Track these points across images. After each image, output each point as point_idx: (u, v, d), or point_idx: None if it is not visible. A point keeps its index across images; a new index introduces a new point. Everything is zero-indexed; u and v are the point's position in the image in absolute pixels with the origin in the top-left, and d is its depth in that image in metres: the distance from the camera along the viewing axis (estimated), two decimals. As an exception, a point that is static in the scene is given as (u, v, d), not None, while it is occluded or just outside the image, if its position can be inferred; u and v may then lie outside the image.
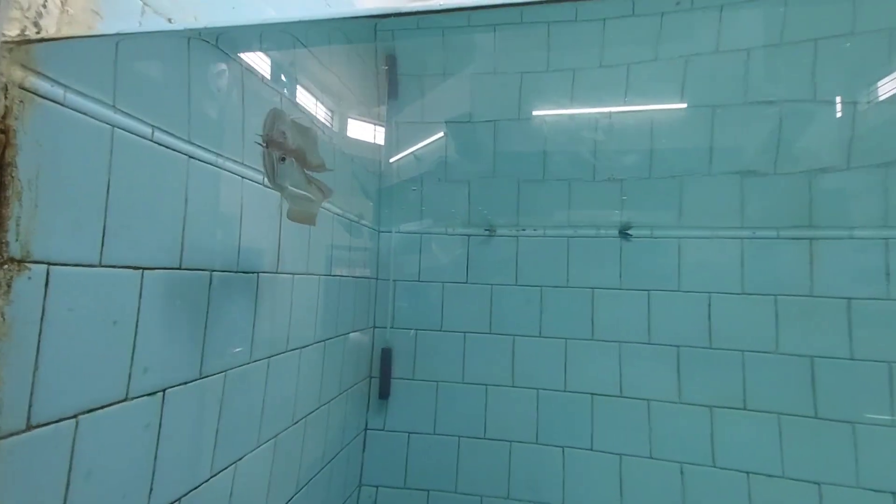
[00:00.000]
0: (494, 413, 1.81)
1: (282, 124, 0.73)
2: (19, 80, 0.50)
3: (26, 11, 0.52)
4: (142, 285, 0.69)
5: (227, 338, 0.91)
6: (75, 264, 0.58)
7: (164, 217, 0.73)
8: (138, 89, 0.67)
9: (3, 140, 0.48)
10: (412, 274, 1.93)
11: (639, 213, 1.76)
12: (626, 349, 1.72)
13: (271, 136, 0.71)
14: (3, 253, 0.49)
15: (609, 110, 1.80)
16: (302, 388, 1.26)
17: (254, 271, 1.00)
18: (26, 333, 0.52)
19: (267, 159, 0.72)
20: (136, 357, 0.68)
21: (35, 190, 0.53)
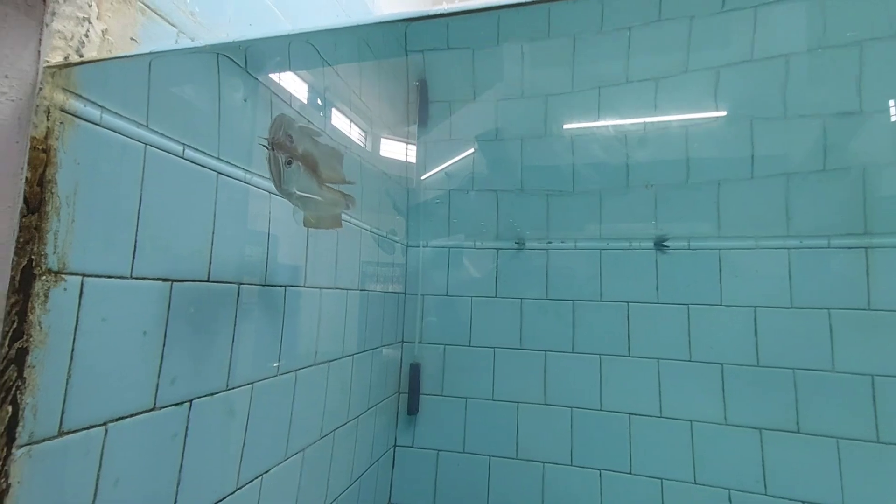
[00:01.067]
0: (526, 432, 1.76)
1: (288, 128, 0.71)
2: (60, 103, 0.53)
3: (70, 41, 0.56)
4: (171, 297, 0.71)
5: (255, 350, 0.93)
6: (108, 276, 0.61)
7: (194, 231, 0.76)
8: (170, 110, 0.70)
9: (45, 159, 0.51)
10: (441, 288, 1.92)
11: (675, 224, 1.70)
12: (666, 367, 1.64)
13: (276, 139, 0.69)
14: (42, 265, 0.52)
15: (641, 121, 1.75)
16: (330, 402, 1.27)
17: (281, 285, 1.02)
18: (61, 342, 0.55)
19: (272, 163, 0.69)
20: (165, 367, 0.70)
21: (72, 205, 0.56)
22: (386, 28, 0.68)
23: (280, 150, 0.69)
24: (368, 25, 0.76)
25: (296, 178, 0.73)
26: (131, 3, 0.67)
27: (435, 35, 1.99)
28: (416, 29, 0.71)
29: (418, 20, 0.54)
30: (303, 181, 0.75)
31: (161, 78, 0.68)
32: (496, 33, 1.91)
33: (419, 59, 2.00)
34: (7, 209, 0.46)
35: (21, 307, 0.50)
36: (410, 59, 1.98)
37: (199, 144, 0.74)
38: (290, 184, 0.72)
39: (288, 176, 0.70)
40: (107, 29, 0.63)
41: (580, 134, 1.86)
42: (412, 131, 1.98)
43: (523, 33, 1.84)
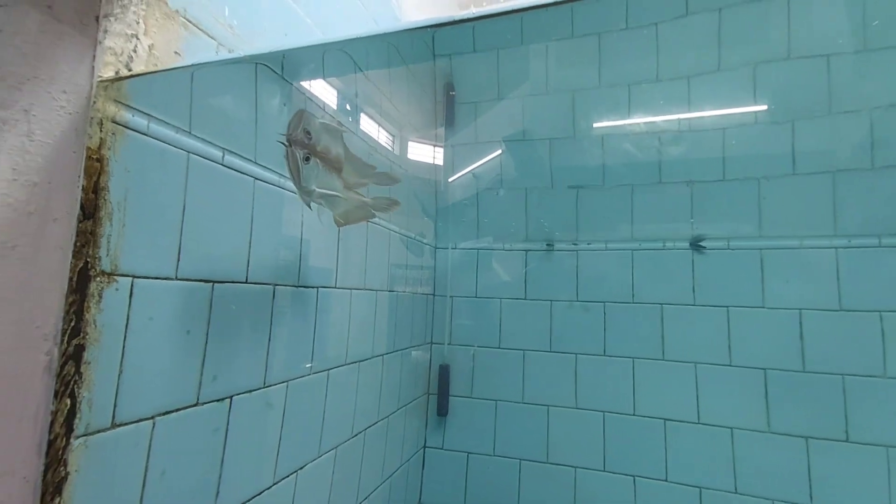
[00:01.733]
0: (557, 436, 1.73)
1: (307, 125, 0.68)
2: (112, 114, 0.57)
3: (120, 56, 0.59)
4: (212, 297, 0.74)
5: (289, 349, 0.96)
6: (155, 277, 0.64)
7: (233, 234, 0.79)
8: (211, 116, 0.73)
9: (99, 167, 0.55)
10: (470, 290, 1.93)
11: (712, 223, 1.64)
12: (704, 371, 1.58)
13: (294, 136, 0.67)
14: (96, 267, 0.56)
15: (674, 117, 1.71)
16: (361, 402, 1.29)
17: (313, 286, 1.04)
18: (113, 340, 0.58)
19: (290, 159, 0.67)
20: (207, 365, 0.74)
21: (123, 211, 0.59)
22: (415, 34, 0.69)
23: (298, 147, 0.67)
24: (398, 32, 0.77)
25: (315, 175, 0.71)
26: (175, 18, 0.71)
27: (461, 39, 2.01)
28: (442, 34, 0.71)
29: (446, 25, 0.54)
30: (324, 178, 0.73)
31: (203, 87, 0.71)
32: (520, 35, 1.91)
33: (446, 62, 2.02)
34: (66, 215, 0.50)
35: (78, 306, 0.53)
36: (438, 62, 2.00)
37: (237, 149, 0.78)
38: (310, 181, 0.70)
39: (307, 173, 0.69)
40: (153, 44, 0.66)
41: (610, 132, 1.83)
42: (440, 133, 1.99)
43: (548, 34, 1.83)
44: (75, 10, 0.51)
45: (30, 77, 0.48)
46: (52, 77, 0.49)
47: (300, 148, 0.67)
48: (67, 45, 0.51)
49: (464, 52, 2.02)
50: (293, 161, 0.67)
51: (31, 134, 0.47)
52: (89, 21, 0.52)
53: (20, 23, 0.47)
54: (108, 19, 0.55)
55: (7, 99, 0.46)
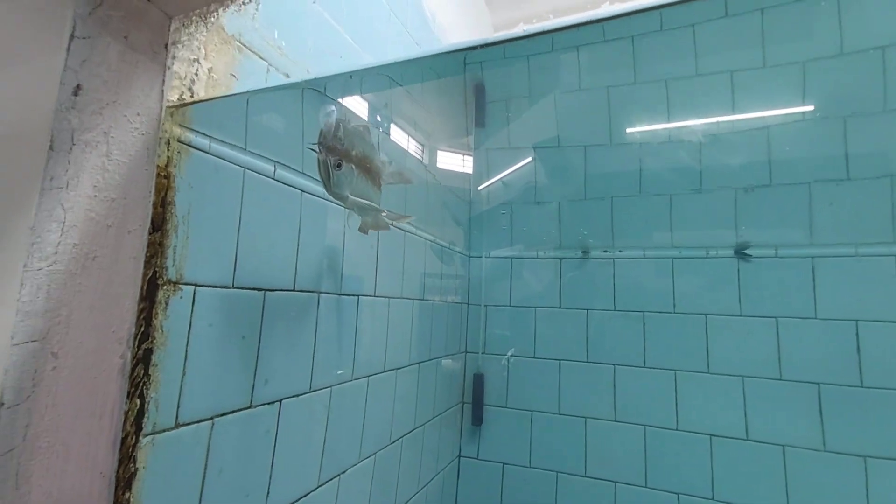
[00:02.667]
0: (596, 449, 1.69)
1: (338, 130, 0.69)
2: (178, 134, 0.61)
3: (184, 80, 0.64)
4: (264, 305, 0.78)
5: (333, 355, 0.98)
6: (214, 286, 0.68)
7: (282, 244, 0.83)
8: (263, 132, 0.78)
9: (166, 184, 0.59)
10: (503, 299, 1.92)
11: (758, 230, 1.58)
12: (752, 385, 1.52)
13: (326, 142, 0.67)
14: (164, 276, 0.60)
15: (715, 120, 1.66)
16: (398, 409, 1.31)
17: (354, 294, 1.07)
18: (177, 344, 0.62)
19: (321, 166, 0.67)
20: (259, 369, 0.77)
21: (187, 224, 0.64)
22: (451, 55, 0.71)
23: (329, 153, 0.68)
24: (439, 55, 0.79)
25: (348, 182, 0.71)
26: (231, 43, 0.75)
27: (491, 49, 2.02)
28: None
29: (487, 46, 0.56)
30: (358, 185, 0.73)
31: (256, 105, 0.75)
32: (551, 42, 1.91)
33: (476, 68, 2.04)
34: (139, 228, 0.54)
35: (147, 313, 0.57)
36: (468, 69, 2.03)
37: (287, 161, 0.82)
38: (342, 187, 0.70)
39: (338, 179, 0.69)
40: (212, 67, 0.71)
41: (647, 136, 1.80)
42: (469, 141, 2.01)
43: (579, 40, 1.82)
44: (148, 40, 0.56)
45: (109, 102, 0.52)
46: (128, 101, 0.54)
47: (331, 154, 0.68)
48: (141, 71, 0.55)
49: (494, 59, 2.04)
50: (324, 167, 0.68)
51: (109, 154, 0.51)
52: (160, 49, 0.57)
53: (103, 53, 0.52)
54: (176, 46, 0.59)
55: (90, 123, 0.51)
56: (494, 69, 2.01)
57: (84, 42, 0.50)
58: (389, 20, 1.28)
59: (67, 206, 0.48)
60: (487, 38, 0.60)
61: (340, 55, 1.03)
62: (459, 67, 1.99)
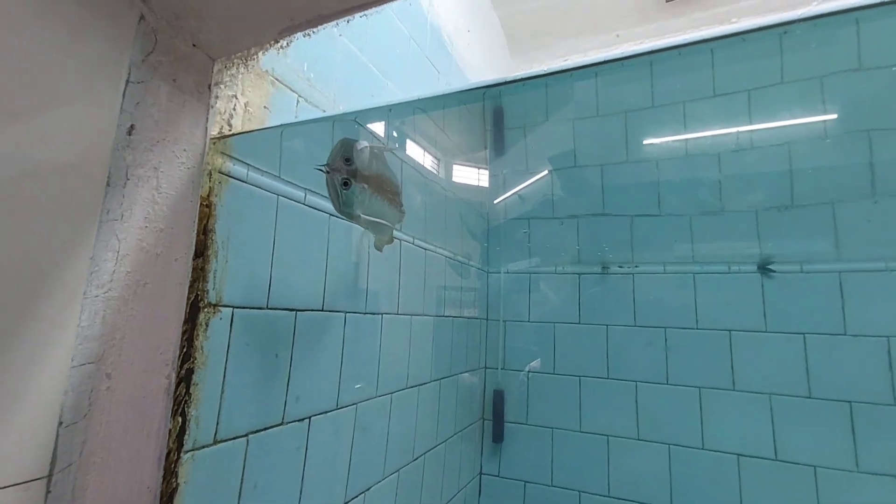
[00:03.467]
0: (619, 468, 1.67)
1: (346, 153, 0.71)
2: (219, 166, 0.65)
3: (223, 115, 0.69)
4: (295, 325, 0.81)
5: (358, 372, 1.01)
6: (250, 307, 0.72)
7: (312, 266, 0.86)
8: (295, 161, 0.82)
9: (208, 212, 0.63)
10: (522, 314, 1.93)
11: (782, 244, 1.56)
12: (780, 403, 1.49)
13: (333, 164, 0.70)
14: (205, 299, 0.63)
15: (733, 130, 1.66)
16: (421, 425, 1.32)
17: (378, 312, 1.10)
18: (217, 363, 0.65)
19: (329, 185, 0.70)
20: (291, 387, 0.80)
21: (226, 249, 0.67)
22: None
23: (336, 173, 0.70)
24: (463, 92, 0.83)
25: (359, 200, 0.72)
26: (265, 77, 0.80)
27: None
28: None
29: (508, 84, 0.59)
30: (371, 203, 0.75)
31: (289, 133, 0.80)
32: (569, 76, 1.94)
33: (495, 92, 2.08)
34: (184, 255, 0.58)
35: (189, 334, 0.61)
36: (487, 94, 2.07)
37: (316, 188, 0.85)
38: (351, 205, 0.71)
39: (347, 198, 0.71)
40: (248, 101, 0.76)
41: (666, 151, 1.80)
42: (485, 155, 2.04)
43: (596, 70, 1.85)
44: (194, 81, 0.60)
45: (159, 139, 0.57)
46: (176, 138, 0.58)
47: (338, 174, 0.70)
48: (188, 110, 0.60)
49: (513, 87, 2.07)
50: (331, 187, 0.71)
51: (158, 188, 0.55)
52: (204, 89, 0.61)
53: (155, 95, 0.56)
54: (219, 87, 0.64)
55: (143, 159, 0.55)
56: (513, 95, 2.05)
57: (138, 86, 0.55)
58: (409, 47, 1.33)
59: (122, 236, 0.52)
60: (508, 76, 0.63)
61: (365, 83, 1.08)
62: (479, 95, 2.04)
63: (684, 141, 1.75)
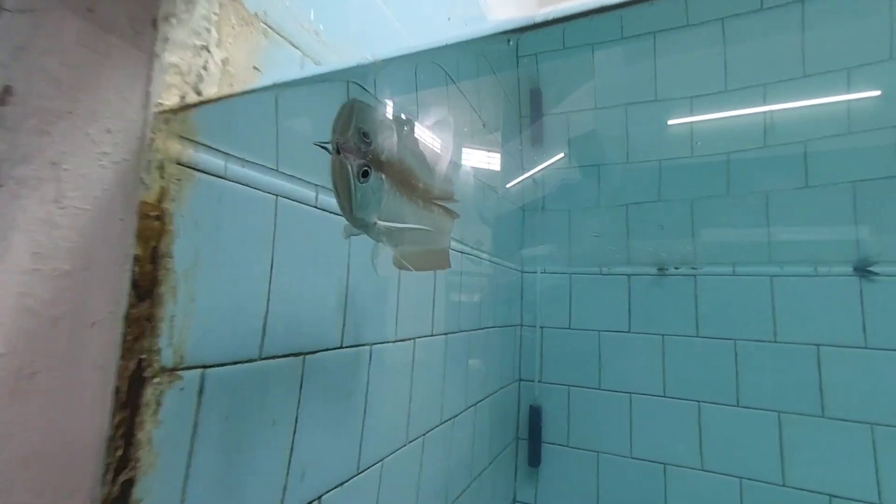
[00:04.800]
0: (679, 503, 1.44)
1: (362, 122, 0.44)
2: (176, 155, 0.41)
3: (186, 76, 0.44)
4: (303, 374, 0.58)
5: (385, 420, 0.78)
6: (233, 362, 0.49)
7: (327, 290, 0.63)
8: (300, 148, 0.57)
9: (159, 228, 0.40)
10: (562, 321, 1.68)
11: (886, 239, 1.28)
12: (884, 434, 1.23)
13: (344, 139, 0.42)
14: (154, 363, 0.40)
15: (829, 99, 1.35)
16: (454, 465, 1.10)
17: (410, 338, 0.87)
18: (175, 458, 0.43)
19: (338, 173, 0.43)
20: (294, 461, 0.57)
21: (191, 281, 0.44)
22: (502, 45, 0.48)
23: (349, 155, 0.43)
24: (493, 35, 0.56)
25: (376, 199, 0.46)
26: (253, 25, 0.55)
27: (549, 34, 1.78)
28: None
29: (538, 27, 0.34)
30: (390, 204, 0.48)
31: (289, 111, 0.55)
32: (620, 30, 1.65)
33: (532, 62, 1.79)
34: (108, 314, 0.34)
35: (127, 427, 0.38)
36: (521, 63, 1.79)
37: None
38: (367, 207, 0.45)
39: (364, 196, 0.44)
40: (227, 58, 0.51)
41: (735, 125, 1.50)
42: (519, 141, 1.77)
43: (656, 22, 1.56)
44: (126, 14, 0.36)
45: (62, 114, 0.33)
46: (92, 112, 0.34)
47: (353, 157, 0.44)
48: (115, 63, 0.36)
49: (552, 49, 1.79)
50: (342, 177, 0.43)
51: (60, 199, 0.32)
52: (144, 27, 0.37)
53: (54, 36, 0.32)
54: (170, 23, 0.39)
55: (28, 149, 0.31)
56: (552, 62, 1.76)
57: (19, 18, 0.31)
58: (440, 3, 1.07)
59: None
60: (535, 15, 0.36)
61: (387, 42, 0.82)
62: (511, 61, 1.76)
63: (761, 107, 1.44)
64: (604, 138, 1.68)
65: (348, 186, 0.43)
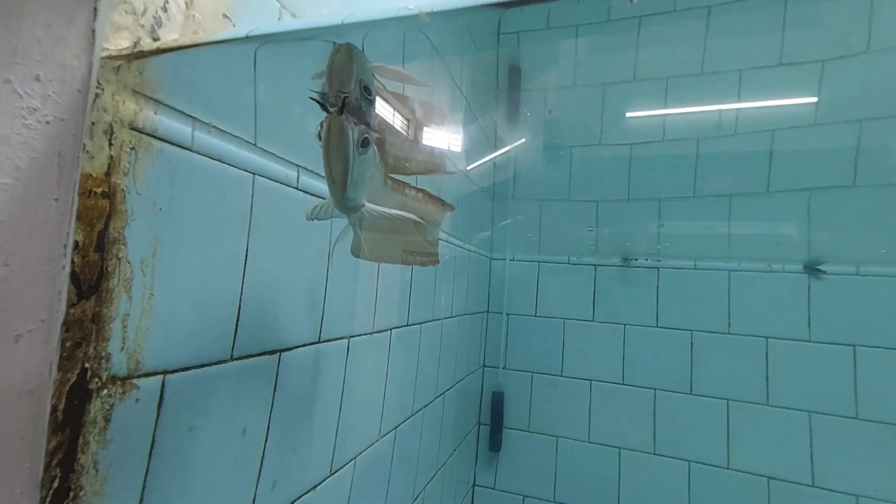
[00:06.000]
0: (631, 485, 1.50)
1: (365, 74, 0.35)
2: (130, 116, 0.33)
3: (140, 18, 0.36)
4: (277, 374, 0.51)
5: (360, 416, 0.73)
6: (199, 366, 0.42)
7: (306, 280, 0.56)
8: (282, 120, 0.49)
9: (106, 208, 0.31)
10: (528, 308, 1.68)
11: (835, 241, 1.36)
12: (822, 423, 1.32)
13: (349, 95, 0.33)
14: (102, 373, 0.33)
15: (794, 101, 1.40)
16: (423, 455, 1.07)
17: (387, 329, 0.81)
18: (127, 482, 0.36)
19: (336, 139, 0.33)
20: (264, 470, 0.51)
21: (150, 272, 0.36)
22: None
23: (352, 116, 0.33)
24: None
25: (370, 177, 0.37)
26: (225, -35, 0.46)
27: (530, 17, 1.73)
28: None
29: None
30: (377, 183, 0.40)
31: (268, 75, 0.47)
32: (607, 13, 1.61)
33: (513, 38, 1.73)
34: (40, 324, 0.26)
35: (67, 451, 0.31)
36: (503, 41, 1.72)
37: (314, 165, 0.54)
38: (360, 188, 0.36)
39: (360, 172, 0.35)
40: (192, 2, 0.42)
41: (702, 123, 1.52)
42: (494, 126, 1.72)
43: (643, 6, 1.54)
44: (65, -76, 0.27)
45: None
46: (12, 51, 0.25)
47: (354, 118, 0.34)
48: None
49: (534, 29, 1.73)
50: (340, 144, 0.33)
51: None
52: (90, -54, 0.28)
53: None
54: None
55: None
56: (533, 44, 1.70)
57: None
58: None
59: None
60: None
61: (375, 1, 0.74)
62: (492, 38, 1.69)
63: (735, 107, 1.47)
64: (579, 121, 1.66)
65: (346, 157, 0.33)
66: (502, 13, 0.31)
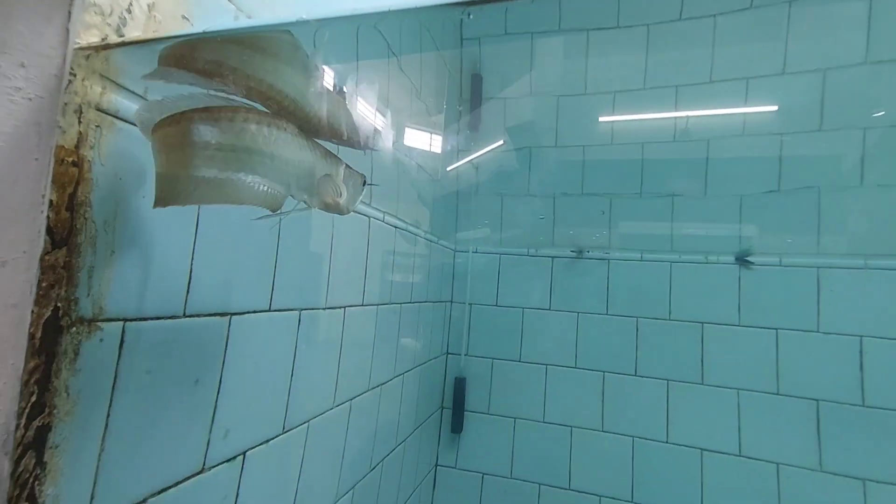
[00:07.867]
0: (581, 460, 1.60)
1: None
2: (96, 98, 0.40)
3: (108, 17, 0.42)
4: (229, 333, 0.58)
5: (313, 383, 0.80)
6: (155, 317, 0.48)
7: (257, 250, 0.63)
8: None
9: (76, 175, 0.38)
10: (489, 298, 1.78)
11: (763, 235, 1.50)
12: (748, 399, 1.46)
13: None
14: (71, 313, 0.40)
15: (726, 111, 1.54)
16: (381, 429, 1.14)
17: (341, 306, 0.89)
18: (93, 409, 0.42)
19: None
20: (217, 419, 0.58)
21: (112, 232, 0.43)
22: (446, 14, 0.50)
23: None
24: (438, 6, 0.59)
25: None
26: (184, -29, 0.53)
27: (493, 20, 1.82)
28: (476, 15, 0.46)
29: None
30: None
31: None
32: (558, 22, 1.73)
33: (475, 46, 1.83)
34: (22, 252, 0.33)
35: (43, 373, 0.37)
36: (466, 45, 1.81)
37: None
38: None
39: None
40: (154, 3, 0.49)
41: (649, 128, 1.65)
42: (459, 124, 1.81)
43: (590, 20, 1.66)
44: (43, -58, 0.34)
45: (-31, 39, 0.31)
46: (2, 42, 0.32)
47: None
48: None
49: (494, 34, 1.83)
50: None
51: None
52: (64, -41, 0.35)
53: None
54: (94, -41, 0.38)
55: (-69, 71, 0.29)
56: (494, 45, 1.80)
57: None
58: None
59: None
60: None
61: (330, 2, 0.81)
62: (455, 40, 1.78)
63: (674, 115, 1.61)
64: (537, 126, 1.76)
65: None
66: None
